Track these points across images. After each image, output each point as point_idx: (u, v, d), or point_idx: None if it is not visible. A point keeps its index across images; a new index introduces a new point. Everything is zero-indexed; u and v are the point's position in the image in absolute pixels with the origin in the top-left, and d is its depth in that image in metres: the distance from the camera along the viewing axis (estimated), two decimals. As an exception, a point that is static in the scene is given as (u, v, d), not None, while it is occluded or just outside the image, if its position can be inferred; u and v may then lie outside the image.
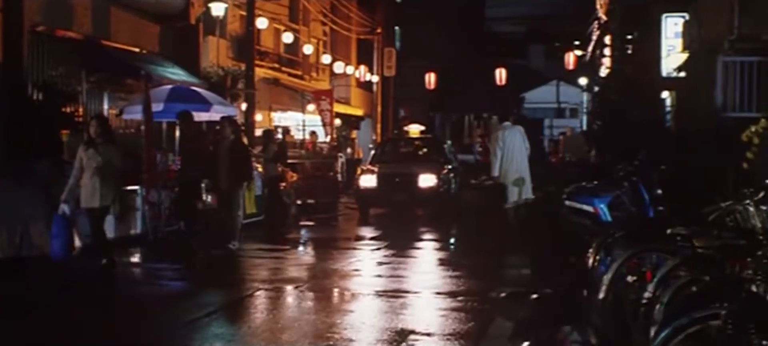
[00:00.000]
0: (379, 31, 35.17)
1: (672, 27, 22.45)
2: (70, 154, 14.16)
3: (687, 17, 21.79)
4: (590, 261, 7.99)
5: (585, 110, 53.52)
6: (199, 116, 15.84)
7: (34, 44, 14.79)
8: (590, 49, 37.95)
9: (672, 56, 21.98)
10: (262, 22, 22.09)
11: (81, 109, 14.96)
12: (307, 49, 28.05)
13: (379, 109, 35.17)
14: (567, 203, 14.83)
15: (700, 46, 17.90)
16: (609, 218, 14.33)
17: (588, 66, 40.47)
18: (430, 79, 36.78)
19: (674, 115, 21.15)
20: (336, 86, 35.72)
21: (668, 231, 6.45)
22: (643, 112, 21.12)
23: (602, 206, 14.37)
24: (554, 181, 19.46)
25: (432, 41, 43.50)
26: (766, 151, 11.92)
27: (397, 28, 40.66)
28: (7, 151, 13.29)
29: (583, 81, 52.87)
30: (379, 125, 35.18)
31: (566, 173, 20.53)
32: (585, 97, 55.91)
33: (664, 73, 22.28)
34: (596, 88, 51.62)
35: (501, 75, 39.60)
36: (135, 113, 14.66)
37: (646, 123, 18.39)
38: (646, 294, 5.62)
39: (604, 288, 6.38)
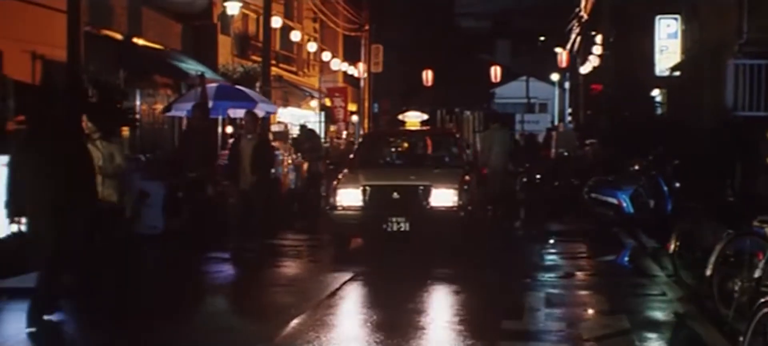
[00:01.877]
0: (366, 27, 35.96)
1: (665, 28, 23.62)
2: (130, 150, 14.92)
3: (679, 19, 23.06)
4: (672, 247, 9.05)
5: (562, 105, 55.28)
6: (235, 113, 16.60)
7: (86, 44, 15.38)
8: (569, 46, 39.13)
9: (666, 56, 23.18)
10: (276, 21, 22.78)
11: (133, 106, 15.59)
12: (312, 46, 28.86)
13: (366, 104, 36.01)
14: (592, 195, 15.96)
15: (702, 48, 19.05)
16: (631, 210, 15.52)
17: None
18: (428, 76, 37.76)
19: (670, 112, 22.29)
20: (323, 82, 36.56)
21: (757, 219, 7.47)
22: (641, 108, 22.34)
23: (625, 198, 15.55)
24: (563, 175, 20.66)
25: (403, 36, 44.46)
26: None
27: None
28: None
29: (555, 77, 54.22)
30: (366, 120, 36.01)
31: (569, 167, 21.68)
32: (556, 92, 57.43)
33: (657, 72, 23.44)
34: (566, 84, 53.23)
35: (496, 72, 40.64)
36: (184, 110, 15.31)
37: (650, 119, 19.45)
38: (757, 272, 6.65)
39: (710, 266, 7.40)
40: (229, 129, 17.43)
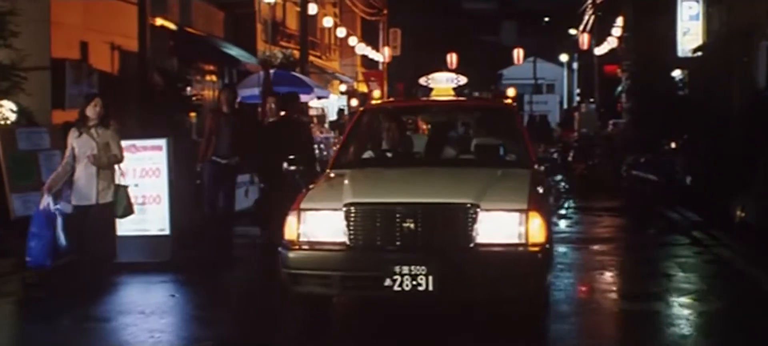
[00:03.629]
0: (385, 12, 36.69)
1: (687, 10, 24.35)
2: (198, 133, 15.66)
3: (701, 1, 23.78)
4: (736, 216, 9.89)
5: (570, 86, 56.14)
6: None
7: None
8: (582, 27, 39.94)
9: (688, 38, 23.92)
10: (312, 8, 23.50)
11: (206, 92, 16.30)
12: (341, 31, 29.57)
13: (386, 87, 36.77)
14: (632, 172, 16.79)
15: (730, 30, 19.78)
16: (670, 185, 16.34)
17: (575, 43, 42.39)
18: (452, 59, 38.50)
19: (693, 93, 23.03)
20: (343, 65, 37.35)
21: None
22: (665, 89, 23.12)
23: (663, 174, 16.39)
24: (591, 154, 21.51)
25: (413, 21, 45.24)
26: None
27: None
28: (143, 133, 14.64)
29: (564, 57, 54.97)
30: (387, 103, 36.79)
31: (594, 147, 22.52)
32: (564, 73, 58.18)
33: (679, 54, 24.17)
34: (575, 65, 53.94)
35: (518, 55, 41.26)
36: (249, 97, 16.02)
37: (679, 100, 20.21)
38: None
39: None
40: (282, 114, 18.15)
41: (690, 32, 24.09)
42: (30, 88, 11.13)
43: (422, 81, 9.32)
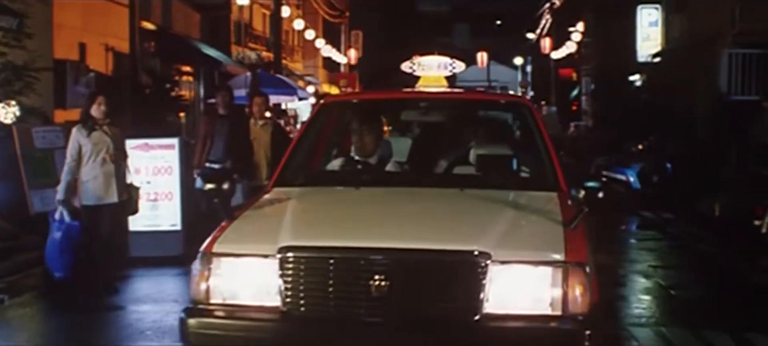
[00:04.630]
0: (347, 14, 37.16)
1: (647, 17, 25.28)
2: (188, 134, 16.02)
3: (660, 8, 24.72)
4: (713, 214, 10.62)
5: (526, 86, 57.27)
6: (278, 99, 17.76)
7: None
8: (538, 31, 40.89)
9: (648, 43, 24.83)
10: (286, 11, 23.92)
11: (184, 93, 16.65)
12: (309, 33, 30.00)
13: (356, 86, 37.29)
14: (602, 173, 17.50)
15: (692, 37, 20.65)
16: (638, 186, 17.11)
17: (533, 47, 43.38)
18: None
19: (653, 96, 23.93)
20: (305, 67, 37.78)
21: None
22: (627, 93, 24.01)
23: (633, 174, 17.16)
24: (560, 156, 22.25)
25: (371, 23, 45.85)
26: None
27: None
28: (135, 132, 14.98)
29: (518, 61, 56.01)
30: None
31: (560, 149, 23.27)
32: (519, 76, 59.27)
33: (639, 59, 25.09)
34: (529, 68, 55.05)
35: (482, 58, 42.03)
36: (236, 99, 16.37)
37: (645, 104, 21.03)
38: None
39: (765, 226, 8.96)
40: (267, 114, 18.55)
41: (650, 38, 25.00)
42: (36, 87, 11.41)
43: (406, 67, 7.18)
